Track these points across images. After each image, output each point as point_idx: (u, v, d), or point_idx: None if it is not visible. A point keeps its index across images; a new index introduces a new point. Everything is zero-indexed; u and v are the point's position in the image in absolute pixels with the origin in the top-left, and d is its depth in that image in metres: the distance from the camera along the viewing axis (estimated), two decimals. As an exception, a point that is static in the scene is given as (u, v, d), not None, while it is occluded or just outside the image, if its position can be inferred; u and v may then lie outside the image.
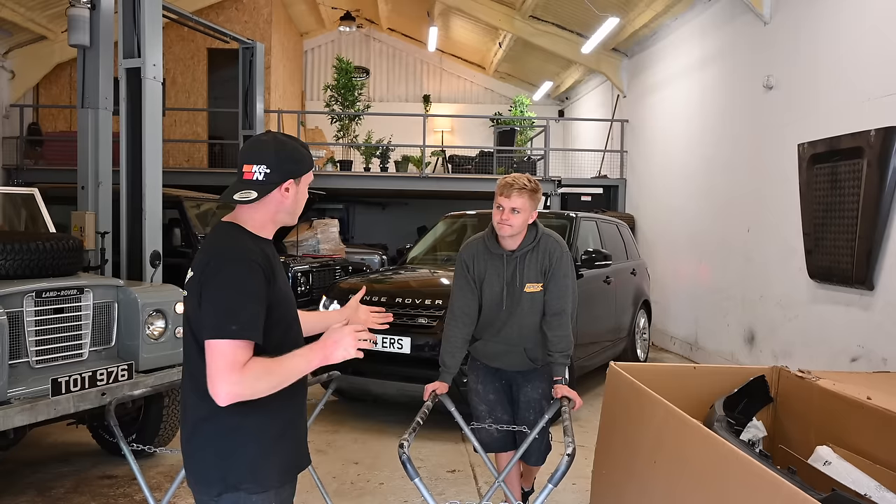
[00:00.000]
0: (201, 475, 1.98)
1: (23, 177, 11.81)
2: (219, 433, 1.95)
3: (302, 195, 2.06)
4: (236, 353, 1.83)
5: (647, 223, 11.47)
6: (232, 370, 1.82)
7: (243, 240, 1.98)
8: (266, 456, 1.97)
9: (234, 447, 1.94)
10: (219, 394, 1.82)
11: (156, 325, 4.51)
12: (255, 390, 1.85)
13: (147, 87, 6.24)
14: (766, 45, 7.70)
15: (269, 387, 1.87)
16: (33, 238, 4.22)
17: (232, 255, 1.92)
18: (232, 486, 1.94)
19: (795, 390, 3.71)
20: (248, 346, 1.86)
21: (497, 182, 3.43)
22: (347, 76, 14.02)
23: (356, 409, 6.43)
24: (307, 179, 2.07)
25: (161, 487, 4.43)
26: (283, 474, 2.01)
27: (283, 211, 2.04)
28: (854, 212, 5.82)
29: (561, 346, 3.41)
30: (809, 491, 2.09)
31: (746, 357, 7.89)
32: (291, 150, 2.02)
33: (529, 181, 3.36)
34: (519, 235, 3.42)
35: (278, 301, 1.99)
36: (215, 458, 1.95)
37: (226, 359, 1.83)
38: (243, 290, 1.88)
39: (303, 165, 2.04)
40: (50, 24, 11.91)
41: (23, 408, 3.63)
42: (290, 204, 2.03)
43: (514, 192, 3.30)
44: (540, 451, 3.60)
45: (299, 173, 2.03)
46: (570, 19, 12.36)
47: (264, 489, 1.96)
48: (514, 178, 3.36)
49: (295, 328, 2.10)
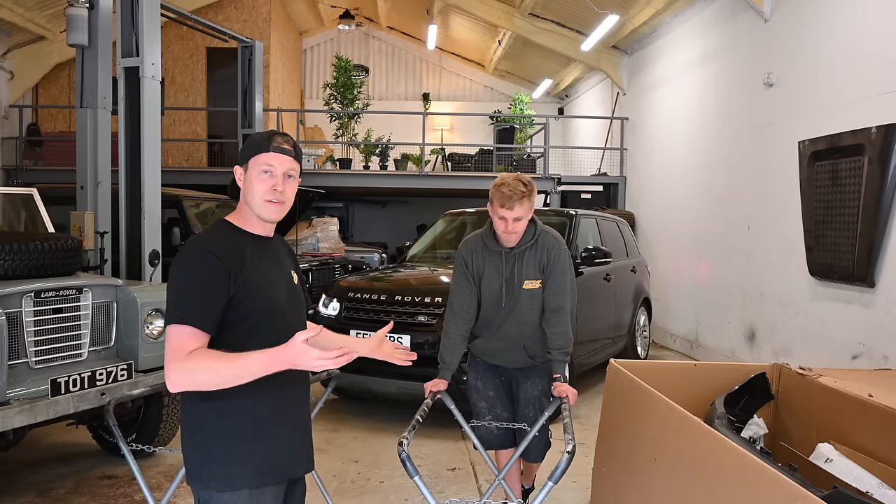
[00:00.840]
0: (188, 471, 1.99)
1: (22, 177, 11.80)
2: (196, 429, 1.96)
3: (249, 180, 2.01)
4: (180, 339, 1.84)
5: (647, 221, 11.46)
6: (174, 356, 1.82)
7: (216, 233, 2.02)
8: (237, 452, 1.94)
9: (207, 443, 1.94)
10: (169, 379, 1.83)
11: (155, 325, 4.50)
12: (195, 381, 1.83)
13: (146, 86, 6.24)
14: (766, 43, 7.69)
15: (213, 381, 1.83)
16: (32, 238, 4.21)
17: (191, 246, 1.98)
18: (205, 483, 1.94)
19: (796, 388, 3.70)
20: (193, 333, 1.85)
21: (491, 189, 3.30)
22: (347, 74, 14.00)
23: (356, 408, 6.42)
24: (254, 165, 2.01)
25: (161, 487, 4.42)
26: (260, 476, 1.96)
27: (245, 202, 2.04)
28: (855, 209, 5.81)
29: (559, 343, 3.41)
30: (811, 488, 2.08)
31: (747, 354, 7.88)
32: (244, 143, 2.08)
33: (525, 185, 3.27)
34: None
35: (247, 296, 1.94)
36: (193, 452, 1.97)
37: (170, 344, 1.84)
38: (192, 278, 1.90)
39: (246, 152, 2.04)
40: (48, 24, 11.89)
41: (22, 408, 3.62)
42: (244, 191, 2.03)
43: (516, 204, 3.23)
44: (539, 449, 3.60)
45: (243, 160, 2.04)
46: (569, 17, 12.34)
47: (234, 489, 1.92)
48: (511, 187, 3.23)
49: (270, 326, 1.98)
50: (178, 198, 8.00)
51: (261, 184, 2.00)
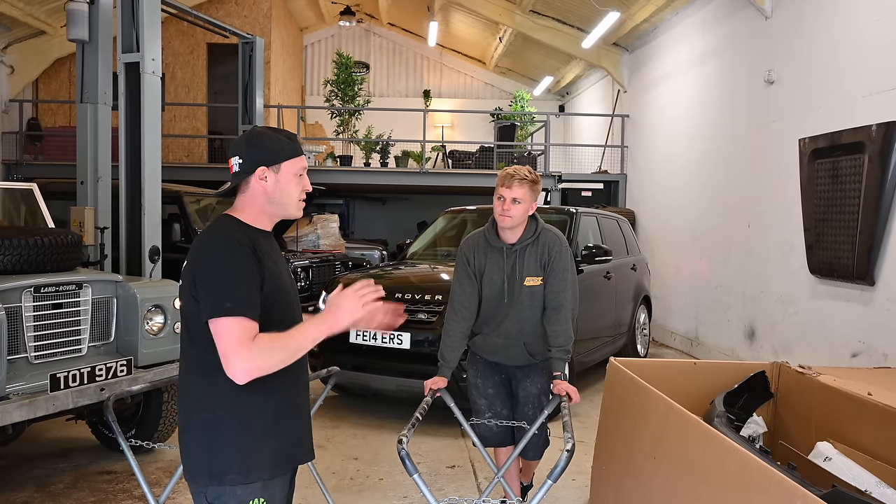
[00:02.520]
0: (190, 466, 1.99)
1: (22, 172, 11.80)
2: (205, 424, 1.96)
3: (285, 184, 2.04)
4: (242, 328, 1.84)
5: (648, 218, 11.45)
6: (241, 346, 1.83)
7: (229, 226, 2.01)
8: (252, 447, 1.95)
9: (219, 438, 1.94)
10: (235, 372, 1.84)
11: (155, 321, 4.50)
12: (269, 363, 1.86)
13: (146, 81, 6.23)
14: (767, 40, 7.67)
15: (282, 358, 1.88)
16: (32, 233, 4.21)
17: (213, 238, 1.98)
18: (217, 477, 1.94)
19: (796, 386, 3.70)
20: (249, 322, 1.86)
21: (498, 174, 3.45)
22: (347, 71, 13.99)
23: (356, 405, 6.43)
24: (289, 169, 2.04)
25: (160, 483, 4.42)
26: (273, 466, 2.00)
27: (269, 202, 2.04)
28: (855, 207, 5.80)
29: (560, 340, 3.41)
30: (810, 487, 2.08)
31: (747, 353, 7.88)
32: (264, 140, 2.05)
33: (530, 172, 3.40)
34: (519, 228, 3.43)
35: (271, 287, 1.99)
36: (202, 449, 1.96)
37: (232, 335, 1.84)
38: (229, 267, 1.90)
39: (275, 154, 2.03)
40: (49, 19, 11.87)
41: (21, 403, 3.63)
42: (272, 192, 2.03)
43: (516, 183, 3.33)
44: (538, 447, 3.60)
45: (271, 161, 2.02)
46: (570, 14, 12.33)
47: (250, 480, 1.95)
48: (515, 169, 3.40)
49: (287, 316, 2.05)
50: (178, 194, 8.00)
51: (297, 186, 2.07)
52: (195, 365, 1.98)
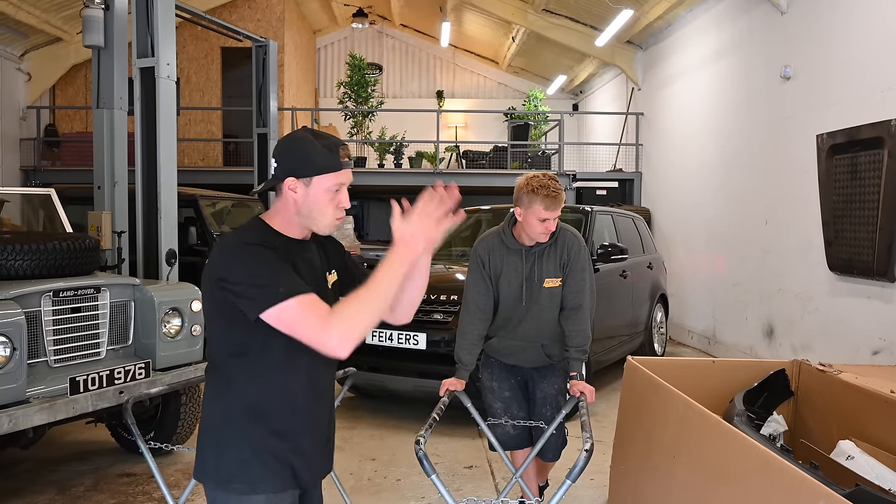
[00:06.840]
0: (200, 468, 1.95)
1: (40, 178, 11.93)
2: (214, 430, 1.93)
3: (316, 199, 1.87)
4: (310, 304, 1.72)
5: (664, 216, 11.38)
6: (320, 318, 1.70)
7: (253, 230, 1.91)
8: (259, 458, 1.89)
9: (226, 445, 1.90)
10: (330, 345, 1.69)
11: (172, 324, 4.53)
12: (361, 321, 1.70)
13: (161, 86, 6.26)
14: (782, 36, 7.60)
15: (372, 310, 1.72)
16: (51, 238, 4.25)
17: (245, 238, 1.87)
18: (222, 484, 1.90)
19: (817, 384, 3.66)
20: (311, 296, 1.74)
21: (526, 190, 3.24)
22: (360, 73, 14.02)
23: (373, 406, 6.43)
24: (322, 183, 1.87)
25: (179, 485, 4.45)
26: (283, 480, 1.91)
27: (298, 213, 1.90)
28: (875, 203, 5.73)
29: (577, 340, 3.39)
30: (833, 486, 2.05)
31: (765, 351, 7.81)
32: (298, 148, 1.88)
33: (559, 184, 3.26)
34: None
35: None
36: (210, 453, 1.93)
37: (304, 314, 1.71)
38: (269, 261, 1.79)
39: (306, 166, 1.86)
40: (65, 26, 11.99)
41: (42, 407, 3.66)
42: (300, 205, 1.88)
43: (559, 206, 3.24)
44: (556, 447, 3.57)
45: (301, 173, 1.86)
46: (583, 12, 12.28)
47: (254, 492, 1.88)
48: (554, 189, 3.22)
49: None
50: (194, 197, 8.04)
51: (329, 203, 1.89)
52: (214, 368, 1.96)
